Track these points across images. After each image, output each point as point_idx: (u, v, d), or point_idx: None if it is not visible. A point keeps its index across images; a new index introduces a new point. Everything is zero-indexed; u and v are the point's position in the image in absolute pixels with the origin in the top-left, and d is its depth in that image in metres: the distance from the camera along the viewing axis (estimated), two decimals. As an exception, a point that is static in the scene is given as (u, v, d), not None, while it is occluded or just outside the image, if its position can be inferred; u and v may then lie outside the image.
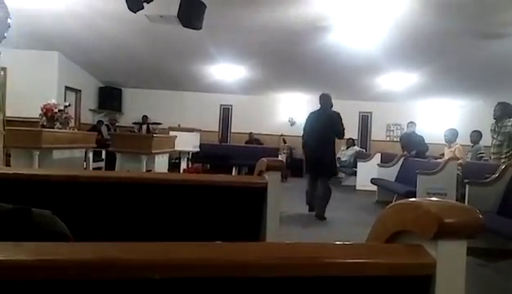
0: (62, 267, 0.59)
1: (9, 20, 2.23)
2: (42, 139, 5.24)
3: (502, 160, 5.23)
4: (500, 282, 3.57)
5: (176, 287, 0.65)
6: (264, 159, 1.77)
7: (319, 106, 5.78)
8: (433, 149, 9.02)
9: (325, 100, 5.69)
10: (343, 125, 5.63)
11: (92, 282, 0.61)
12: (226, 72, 10.32)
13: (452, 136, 6.96)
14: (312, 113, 5.89)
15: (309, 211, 5.84)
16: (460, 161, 6.28)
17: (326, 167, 5.66)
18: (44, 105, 5.93)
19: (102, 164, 8.42)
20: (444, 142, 7.19)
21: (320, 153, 5.57)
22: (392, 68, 9.01)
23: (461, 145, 6.98)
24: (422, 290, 0.71)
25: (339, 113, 5.64)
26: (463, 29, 6.63)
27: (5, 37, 2.23)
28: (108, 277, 0.61)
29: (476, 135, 7.04)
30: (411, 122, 8.44)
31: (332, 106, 5.75)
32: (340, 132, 5.65)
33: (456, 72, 8.90)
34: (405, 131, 8.80)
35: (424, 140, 8.15)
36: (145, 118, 11.83)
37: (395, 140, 12.18)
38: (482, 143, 7.10)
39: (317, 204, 5.66)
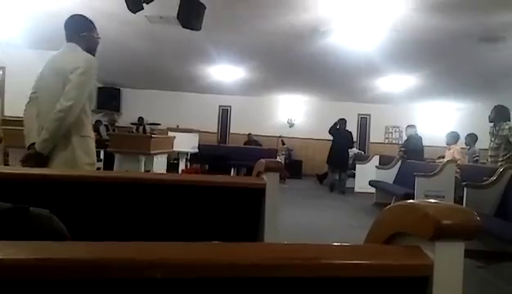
0: (59, 266, 0.59)
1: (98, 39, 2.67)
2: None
3: (499, 163, 5.26)
4: (498, 285, 3.58)
5: (173, 287, 0.65)
6: (263, 160, 1.76)
7: (339, 126, 9.07)
8: (432, 152, 9.05)
9: (343, 123, 9.07)
10: (353, 139, 9.46)
11: (89, 282, 0.61)
12: (225, 73, 10.32)
13: (451, 139, 7.05)
14: (335, 130, 9.06)
15: (330, 191, 9.05)
16: (457, 162, 6.31)
17: (346, 163, 9.15)
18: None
19: (100, 164, 8.40)
20: (443, 145, 7.25)
21: (342, 156, 8.93)
22: (391, 70, 9.02)
23: (461, 148, 7.03)
24: (420, 291, 0.71)
25: (351, 132, 9.34)
26: (461, 32, 6.65)
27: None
28: (105, 276, 0.61)
29: (470, 138, 7.11)
30: (412, 126, 8.32)
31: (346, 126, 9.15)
32: (352, 144, 9.57)
33: (454, 75, 8.92)
34: (409, 134, 8.39)
35: (421, 140, 8.14)
36: (140, 119, 11.78)
37: (393, 142, 12.22)
38: (478, 146, 7.16)
39: (341, 185, 8.95)
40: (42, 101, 2.41)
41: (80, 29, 2.56)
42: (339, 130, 9.03)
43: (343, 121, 9.11)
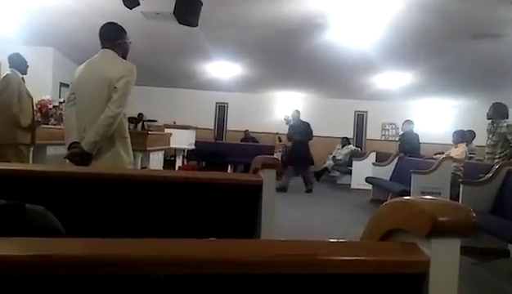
0: (55, 263, 0.59)
1: None
2: (35, 135, 5.20)
3: (496, 160, 5.27)
4: (493, 281, 3.60)
5: (169, 283, 0.64)
6: (259, 157, 1.76)
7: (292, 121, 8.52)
8: (428, 149, 9.06)
9: (297, 115, 8.51)
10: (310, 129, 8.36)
11: (83, 278, 0.61)
12: (222, 69, 10.29)
13: (459, 137, 7.07)
14: (291, 125, 8.49)
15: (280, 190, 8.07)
16: (458, 159, 6.34)
17: (306, 159, 8.31)
18: (39, 101, 5.88)
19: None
20: (439, 142, 7.27)
21: (299, 152, 8.22)
22: (388, 67, 9.02)
23: (466, 145, 7.06)
24: (416, 287, 0.71)
25: (309, 123, 8.40)
26: (458, 29, 6.65)
27: None
28: (101, 273, 0.61)
29: (468, 135, 7.13)
30: (409, 121, 8.37)
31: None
32: (310, 136, 8.36)
33: (451, 72, 8.93)
34: (405, 130, 8.44)
35: (417, 137, 8.16)
36: (140, 115, 11.77)
37: (390, 139, 12.23)
38: (475, 143, 7.18)
39: (308, 183, 8.39)
40: (84, 105, 2.59)
41: (116, 38, 2.80)
42: (293, 125, 8.44)
43: (295, 113, 8.54)
